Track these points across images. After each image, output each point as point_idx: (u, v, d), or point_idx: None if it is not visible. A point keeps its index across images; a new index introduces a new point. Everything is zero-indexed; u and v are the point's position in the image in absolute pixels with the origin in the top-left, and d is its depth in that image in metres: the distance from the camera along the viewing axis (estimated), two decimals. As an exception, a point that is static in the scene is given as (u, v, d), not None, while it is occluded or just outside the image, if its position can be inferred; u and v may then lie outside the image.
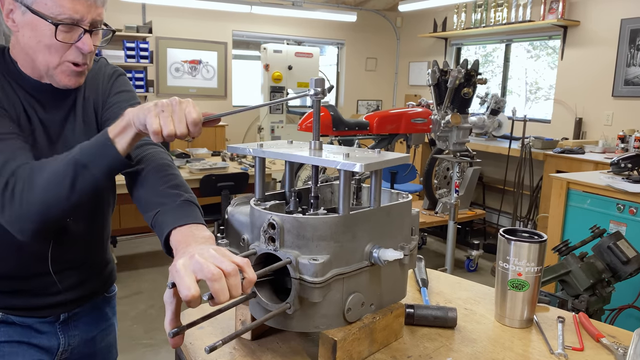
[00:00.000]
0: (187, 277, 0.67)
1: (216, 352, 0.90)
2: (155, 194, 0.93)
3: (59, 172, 0.88)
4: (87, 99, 1.11)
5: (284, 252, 0.82)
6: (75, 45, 0.96)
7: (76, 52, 0.97)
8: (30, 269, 1.07)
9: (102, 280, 1.24)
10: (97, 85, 1.13)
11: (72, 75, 1.00)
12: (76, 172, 0.87)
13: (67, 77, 1.00)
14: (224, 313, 0.82)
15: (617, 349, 0.93)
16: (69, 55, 0.97)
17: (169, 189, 0.93)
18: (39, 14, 0.92)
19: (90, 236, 1.17)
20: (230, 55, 6.30)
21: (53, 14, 0.92)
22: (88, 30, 0.96)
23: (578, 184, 2.94)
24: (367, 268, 0.88)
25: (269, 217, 0.83)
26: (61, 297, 1.12)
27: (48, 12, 0.92)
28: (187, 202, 0.91)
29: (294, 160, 0.89)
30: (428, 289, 1.21)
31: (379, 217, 0.90)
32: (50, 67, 0.98)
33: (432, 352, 0.93)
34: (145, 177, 0.97)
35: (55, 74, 0.99)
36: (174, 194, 0.92)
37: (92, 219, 1.16)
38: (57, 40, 0.94)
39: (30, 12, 0.92)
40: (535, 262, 1.01)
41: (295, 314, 0.83)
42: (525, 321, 1.04)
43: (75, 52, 0.97)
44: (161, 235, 0.87)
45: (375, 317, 0.91)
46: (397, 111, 4.13)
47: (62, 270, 1.10)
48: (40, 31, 0.93)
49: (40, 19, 0.92)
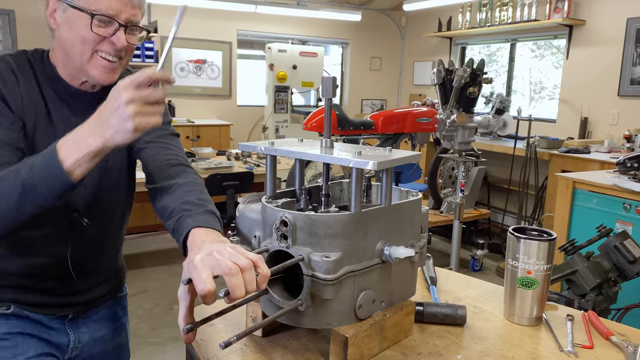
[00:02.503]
0: (204, 272, 0.68)
1: (228, 349, 0.91)
2: (181, 202, 0.97)
3: (6, 188, 0.85)
4: None
5: (297, 249, 0.82)
6: (109, 39, 0.99)
7: (109, 46, 0.99)
8: (49, 270, 1.08)
9: (114, 283, 1.27)
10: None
11: (105, 70, 1.01)
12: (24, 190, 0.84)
13: (100, 72, 1.01)
14: (235, 311, 0.83)
15: (627, 347, 0.94)
16: (102, 47, 0.99)
17: (196, 200, 0.98)
18: (77, 7, 0.96)
19: (108, 241, 1.19)
20: (235, 54, 6.32)
21: (90, 9, 0.96)
22: (123, 25, 0.99)
23: (584, 184, 2.94)
24: (378, 265, 0.89)
25: (282, 214, 0.83)
26: (74, 299, 1.14)
27: (86, 6, 0.96)
28: (210, 212, 0.96)
29: (306, 158, 0.90)
30: (437, 287, 1.22)
31: (390, 214, 0.90)
32: (84, 60, 1.00)
33: (442, 350, 0.93)
34: (174, 189, 1.03)
35: (88, 67, 1.00)
36: (199, 204, 0.97)
37: (110, 224, 1.18)
38: (92, 32, 0.97)
39: (70, 7, 0.97)
40: (544, 261, 1.01)
41: (307, 310, 0.84)
42: (534, 319, 1.04)
43: (109, 45, 0.99)
44: (180, 235, 0.91)
45: (385, 315, 0.91)
46: (402, 110, 4.13)
47: (78, 274, 1.12)
48: (77, 24, 0.97)
49: (78, 12, 0.96)
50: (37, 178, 0.83)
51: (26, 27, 5.07)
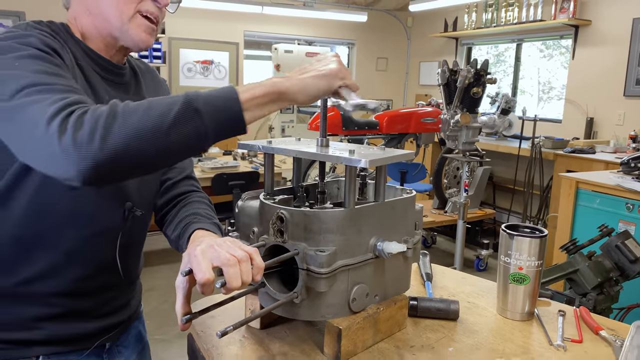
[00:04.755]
0: (204, 262, 0.72)
1: (227, 339, 0.94)
2: (190, 213, 1.03)
3: (163, 104, 0.72)
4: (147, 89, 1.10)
5: (292, 244, 0.86)
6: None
7: (150, 3, 0.95)
8: (97, 279, 0.99)
9: (139, 298, 1.20)
10: (157, 84, 1.15)
11: (147, 30, 0.96)
12: (185, 109, 0.72)
13: (143, 32, 0.95)
14: (234, 304, 0.87)
15: (615, 341, 0.96)
16: (143, 6, 0.95)
17: (204, 212, 1.04)
18: None
19: (143, 241, 1.13)
20: (241, 55, 6.37)
21: None
22: None
23: (587, 184, 2.95)
24: (372, 260, 0.92)
25: (278, 210, 0.87)
26: (113, 320, 1.06)
27: None
28: (216, 224, 1.01)
29: (301, 156, 0.93)
30: (433, 283, 1.24)
31: (383, 211, 0.93)
32: (125, 19, 0.93)
33: (434, 343, 0.96)
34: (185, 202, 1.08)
35: (130, 27, 0.94)
36: (207, 215, 1.03)
37: (149, 218, 1.11)
38: None
39: None
40: (536, 257, 1.04)
41: (303, 303, 0.87)
42: (526, 314, 1.07)
43: (149, 2, 0.95)
44: (185, 234, 0.97)
45: (379, 308, 0.94)
46: (406, 111, 4.16)
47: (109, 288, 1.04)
48: None
49: None
50: (203, 102, 0.72)
51: (36, 28, 5.15)
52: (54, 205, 0.90)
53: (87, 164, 0.67)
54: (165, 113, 0.70)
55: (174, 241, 1.02)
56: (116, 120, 0.69)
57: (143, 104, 0.72)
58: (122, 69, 1.02)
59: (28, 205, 0.88)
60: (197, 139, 0.73)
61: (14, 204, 0.89)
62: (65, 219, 0.92)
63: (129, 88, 1.05)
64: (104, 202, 0.96)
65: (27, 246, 0.91)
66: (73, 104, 0.71)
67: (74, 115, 0.69)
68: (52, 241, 0.92)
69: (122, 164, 0.70)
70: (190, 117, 0.71)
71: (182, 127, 0.71)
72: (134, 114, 0.70)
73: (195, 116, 0.71)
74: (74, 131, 0.68)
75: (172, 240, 1.04)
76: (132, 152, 0.69)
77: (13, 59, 0.79)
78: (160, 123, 0.70)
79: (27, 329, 0.93)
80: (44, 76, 0.77)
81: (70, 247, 0.93)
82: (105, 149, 0.67)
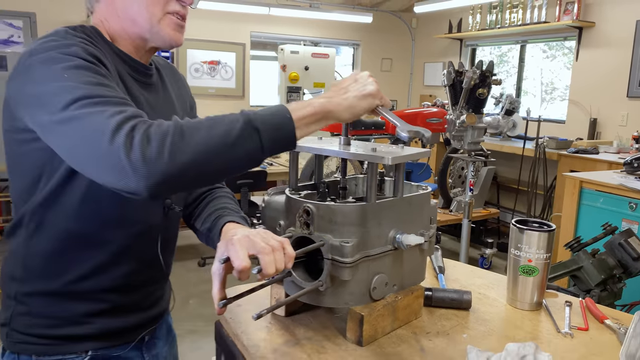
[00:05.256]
0: (241, 251, 0.78)
1: (255, 326, 1.01)
2: (219, 207, 1.10)
3: (225, 121, 0.77)
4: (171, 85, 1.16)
5: (318, 235, 0.92)
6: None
7: (176, 3, 0.99)
8: (141, 274, 1.05)
9: (169, 293, 1.24)
10: (178, 81, 1.20)
11: (177, 28, 1.00)
12: (245, 128, 0.77)
13: (174, 31, 0.99)
14: (259, 293, 0.93)
15: (620, 329, 1.02)
16: (170, 6, 0.98)
17: (232, 206, 1.12)
18: None
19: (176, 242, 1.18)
20: (248, 56, 6.43)
21: None
22: None
23: (591, 183, 3.00)
24: (391, 252, 0.98)
25: (305, 204, 0.93)
26: (152, 312, 1.12)
27: None
28: (244, 217, 1.08)
29: (327, 154, 0.99)
30: (445, 276, 1.30)
31: (401, 206, 0.99)
32: (154, 21, 0.97)
33: (449, 330, 1.02)
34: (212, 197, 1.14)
35: (161, 27, 0.98)
36: (235, 209, 1.10)
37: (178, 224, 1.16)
38: None
39: None
40: (544, 250, 1.10)
41: (327, 291, 0.93)
42: (535, 304, 1.13)
43: (176, 2, 0.98)
44: (216, 227, 1.03)
45: (397, 297, 1.00)
46: (412, 111, 4.22)
47: (165, 274, 1.13)
48: None
49: None
50: (261, 121, 0.78)
51: (47, 29, 5.18)
52: (102, 207, 0.94)
53: (155, 179, 0.72)
54: (228, 132, 0.75)
55: (204, 234, 1.08)
56: (183, 138, 0.73)
57: (204, 122, 0.76)
58: (149, 69, 1.06)
59: (79, 206, 0.93)
60: (255, 155, 0.78)
61: (67, 203, 0.92)
62: (113, 220, 0.96)
63: (157, 88, 1.09)
64: (148, 203, 0.99)
65: (80, 246, 0.96)
66: (132, 118, 0.75)
67: (138, 130, 0.73)
68: (102, 241, 0.96)
69: (186, 180, 0.75)
70: (250, 135, 0.76)
71: (243, 145, 0.76)
72: (198, 132, 0.74)
73: (255, 134, 0.76)
74: (141, 147, 0.71)
75: (201, 233, 1.10)
76: (197, 169, 0.74)
77: (61, 70, 0.81)
78: (223, 141, 0.74)
79: (78, 324, 0.99)
80: (95, 87, 0.79)
81: (118, 246, 0.98)
82: (172, 166, 0.72)
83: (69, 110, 0.76)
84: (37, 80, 0.82)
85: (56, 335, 0.98)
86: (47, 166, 0.91)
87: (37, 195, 0.93)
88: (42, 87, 0.80)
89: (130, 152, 0.71)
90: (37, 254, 0.96)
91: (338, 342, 0.96)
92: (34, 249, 0.96)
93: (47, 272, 0.96)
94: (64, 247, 0.95)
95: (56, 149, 0.82)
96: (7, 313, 1.00)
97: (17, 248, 0.98)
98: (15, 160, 0.95)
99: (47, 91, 0.80)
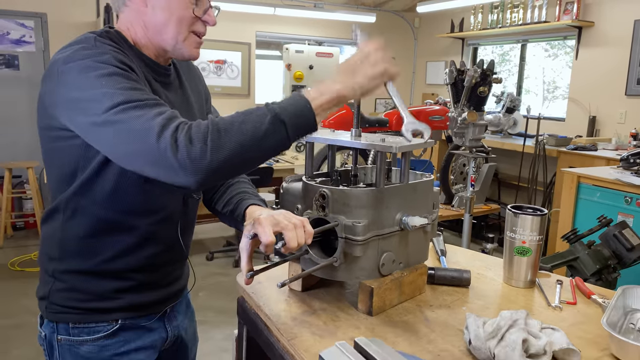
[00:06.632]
0: (267, 227, 0.90)
1: (274, 298, 1.12)
2: (240, 191, 1.20)
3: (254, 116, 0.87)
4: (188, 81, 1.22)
5: (333, 217, 1.03)
6: (203, 19, 1.07)
7: (201, 25, 1.08)
8: (163, 257, 1.14)
9: (188, 271, 1.33)
10: (194, 76, 1.28)
11: (198, 47, 1.10)
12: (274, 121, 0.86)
13: (195, 49, 1.09)
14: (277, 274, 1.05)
15: (604, 302, 1.13)
16: (195, 27, 1.07)
17: (251, 191, 1.22)
18: None
19: (194, 226, 1.27)
20: (253, 55, 6.54)
21: None
22: (210, 5, 1.08)
23: (588, 178, 3.11)
24: (397, 232, 1.09)
25: (321, 189, 1.04)
26: (174, 288, 1.22)
27: None
28: (263, 201, 1.18)
29: (341, 144, 1.10)
30: (446, 259, 1.41)
31: (407, 191, 1.10)
32: (180, 39, 1.05)
33: (450, 303, 1.13)
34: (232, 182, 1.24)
35: (184, 45, 1.06)
36: (255, 194, 1.20)
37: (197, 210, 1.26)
38: (193, 13, 1.04)
39: None
40: (537, 232, 1.20)
41: (341, 266, 1.04)
42: (528, 282, 1.24)
43: (200, 24, 1.07)
44: (239, 209, 1.14)
45: (403, 273, 1.11)
46: (415, 109, 4.32)
47: (184, 255, 1.23)
48: (174, 6, 1.03)
49: None
50: (286, 114, 0.86)
51: (58, 29, 5.34)
52: (129, 197, 1.04)
53: (202, 175, 0.83)
54: (258, 126, 0.85)
55: (227, 216, 1.19)
56: (221, 136, 0.83)
57: (236, 119, 0.87)
58: (168, 70, 1.14)
59: (109, 195, 1.03)
60: (282, 144, 0.89)
61: (98, 193, 1.03)
62: (139, 208, 1.07)
63: (175, 86, 1.18)
64: (169, 192, 1.09)
65: (110, 230, 1.06)
66: (173, 119, 0.86)
67: (180, 131, 0.83)
68: (129, 226, 1.07)
69: (225, 172, 0.87)
70: (278, 128, 0.86)
71: (273, 136, 0.86)
72: (232, 128, 0.85)
73: (282, 127, 0.86)
74: (187, 148, 0.82)
75: (223, 214, 1.21)
76: (234, 162, 0.85)
77: (98, 78, 0.89)
78: (255, 135, 0.85)
79: (109, 299, 1.10)
80: (131, 92, 0.88)
81: (145, 231, 1.08)
82: (213, 162, 0.83)
83: (109, 114, 0.86)
84: (75, 86, 0.91)
85: (89, 308, 1.10)
86: (81, 161, 1.01)
87: (73, 185, 1.04)
88: (81, 93, 0.90)
89: (176, 152, 0.82)
90: (73, 237, 1.07)
91: (350, 313, 1.07)
92: (70, 232, 1.07)
93: (81, 252, 1.07)
94: (95, 231, 1.06)
95: (99, 147, 0.93)
96: (46, 288, 1.11)
97: (54, 231, 1.09)
98: (50, 155, 1.06)
99: (86, 97, 0.89)
